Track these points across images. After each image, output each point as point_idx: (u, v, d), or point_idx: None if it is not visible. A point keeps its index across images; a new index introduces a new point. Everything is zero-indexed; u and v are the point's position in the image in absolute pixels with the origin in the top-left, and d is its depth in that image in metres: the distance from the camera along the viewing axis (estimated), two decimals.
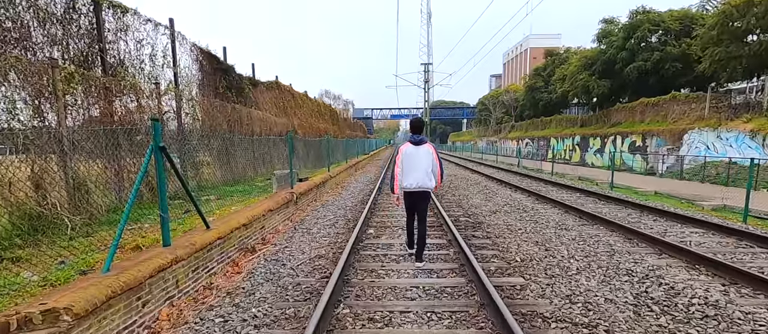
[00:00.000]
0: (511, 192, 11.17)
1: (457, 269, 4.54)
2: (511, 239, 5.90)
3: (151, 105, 9.22)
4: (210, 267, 4.41)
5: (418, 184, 4.49)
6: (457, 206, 8.98)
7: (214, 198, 9.18)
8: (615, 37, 25.69)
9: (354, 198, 10.31)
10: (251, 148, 14.58)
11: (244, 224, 5.47)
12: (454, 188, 12.13)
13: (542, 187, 12.58)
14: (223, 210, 6.54)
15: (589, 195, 10.36)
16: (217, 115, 12.54)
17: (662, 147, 20.05)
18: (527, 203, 9.12)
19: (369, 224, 7.06)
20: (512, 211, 8.21)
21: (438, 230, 6.52)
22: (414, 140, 4.57)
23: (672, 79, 22.93)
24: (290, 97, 20.80)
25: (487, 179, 15.03)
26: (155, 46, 9.65)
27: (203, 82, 12.08)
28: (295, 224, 7.14)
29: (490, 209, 8.50)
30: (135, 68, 8.97)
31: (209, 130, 12.04)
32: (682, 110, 19.86)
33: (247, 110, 14.70)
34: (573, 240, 5.77)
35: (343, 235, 6.22)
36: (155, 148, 3.78)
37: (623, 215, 7.68)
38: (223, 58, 13.55)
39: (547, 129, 35.78)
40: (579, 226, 6.69)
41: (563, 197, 10.16)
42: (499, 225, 6.81)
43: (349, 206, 9.07)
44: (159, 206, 3.85)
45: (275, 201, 6.97)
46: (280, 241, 5.99)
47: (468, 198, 10.08)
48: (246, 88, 15.01)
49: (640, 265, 4.56)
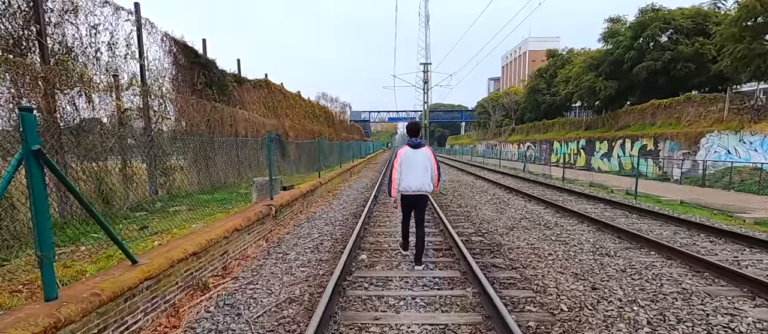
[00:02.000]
0: (525, 202, 9.87)
1: (482, 325, 3.23)
2: (542, 269, 4.59)
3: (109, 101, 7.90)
4: (127, 323, 3.07)
5: (417, 187, 4.48)
6: (466, 219, 7.67)
7: (185, 208, 7.85)
8: (622, 37, 24.56)
9: (346, 209, 8.99)
10: (236, 152, 13.25)
11: (195, 253, 4.13)
12: (459, 197, 10.82)
13: (557, 195, 11.29)
14: (179, 230, 5.21)
15: (615, 206, 9.08)
16: (194, 115, 11.20)
17: (676, 151, 18.86)
18: (547, 217, 7.82)
19: (361, 245, 5.74)
20: (533, 227, 6.91)
21: (447, 254, 5.21)
22: (412, 143, 4.58)
23: (684, 79, 21.80)
24: (281, 96, 19.48)
25: (494, 186, 13.74)
26: (116, 34, 8.32)
27: (178, 77, 10.76)
28: (271, 246, 5.80)
29: (505, 223, 7.20)
30: (87, 58, 7.65)
31: (184, 131, 10.72)
32: (698, 112, 18.69)
33: (231, 110, 13.37)
34: (623, 272, 4.47)
35: (327, 263, 4.88)
36: (27, 154, 2.44)
37: (668, 233, 6.39)
38: (203, 51, 12.23)
39: (550, 132, 34.61)
40: (623, 250, 5.39)
41: (586, 208, 8.88)
42: (522, 248, 5.50)
43: (339, 220, 7.74)
44: (35, 242, 2.51)
45: (246, 217, 5.64)
46: (246, 272, 4.65)
47: (477, 209, 8.77)
48: (229, 85, 13.68)
49: (741, 320, 3.25)
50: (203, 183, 10.65)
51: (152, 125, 9.27)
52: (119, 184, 7.86)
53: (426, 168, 4.49)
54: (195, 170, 10.55)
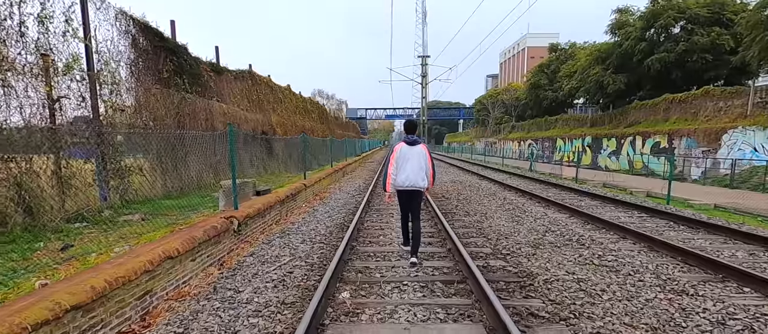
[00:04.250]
0: (543, 208, 8.43)
1: None
2: (601, 319, 3.16)
3: (36, 86, 6.41)
4: None
5: (411, 182, 4.54)
6: (478, 232, 6.23)
7: (138, 217, 6.37)
8: (632, 28, 23.18)
9: (331, 219, 7.52)
10: (213, 149, 11.74)
11: (77, 306, 2.66)
12: (465, 201, 9.38)
13: (576, 198, 9.88)
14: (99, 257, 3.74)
15: (651, 213, 7.67)
16: (158, 107, 9.69)
17: (694, 149, 17.53)
18: (577, 229, 6.39)
19: (345, 274, 4.29)
20: (563, 244, 5.48)
21: (462, 292, 3.76)
22: (408, 140, 4.65)
23: (699, 72, 20.47)
24: (268, 90, 17.94)
25: (502, 188, 12.31)
26: (50, 5, 6.80)
27: (138, 62, 9.22)
28: (224, 276, 4.33)
29: (527, 238, 5.77)
30: (7, 33, 6.14)
31: (145, 126, 9.22)
32: (718, 107, 17.34)
33: (206, 102, 11.85)
34: (723, 326, 3.04)
35: (291, 309, 3.41)
36: None
37: (743, 254, 4.98)
38: (171, 35, 10.71)
39: (552, 129, 33.25)
40: (701, 284, 3.95)
41: (619, 216, 7.46)
42: (562, 280, 4.06)
43: (320, 234, 6.27)
44: None
45: (189, 237, 4.16)
46: (173, 323, 3.18)
47: (489, 218, 7.33)
48: (204, 74, 12.15)
49: None
50: (171, 186, 9.17)
51: (102, 118, 7.79)
52: (51, 189, 6.36)
53: (421, 164, 4.56)
54: (160, 170, 9.06)
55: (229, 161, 6.12)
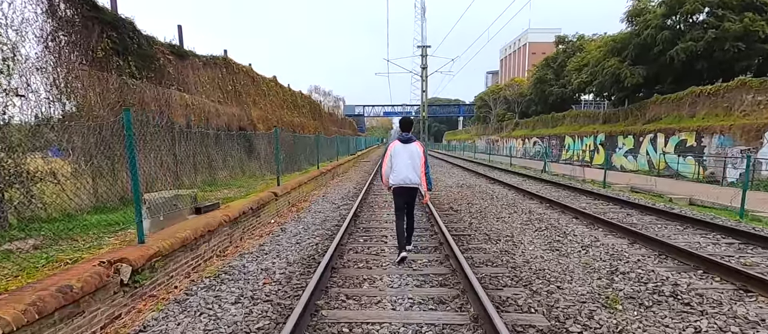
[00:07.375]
0: (588, 229, 6.35)
1: None
2: None
3: None
4: None
5: (404, 180, 4.57)
6: (512, 275, 4.17)
7: (32, 242, 4.31)
8: (651, 15, 21.12)
9: (303, 245, 5.44)
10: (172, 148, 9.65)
11: None
12: (480, 216, 7.32)
13: (621, 212, 7.81)
14: None
15: (738, 236, 5.64)
16: (88, 94, 7.60)
17: (729, 147, 15.52)
18: (656, 268, 4.34)
19: None
20: (653, 303, 3.44)
21: None
22: (403, 138, 4.73)
23: (729, 62, 18.47)
24: (248, 80, 15.78)
25: (520, 195, 10.24)
26: None
27: (57, 36, 7.11)
28: None
29: (587, 287, 3.74)
30: None
31: (65, 118, 7.14)
32: (756, 100, 15.33)
33: (161, 91, 9.69)
34: None
35: None
36: None
37: None
38: (112, 6, 8.61)
39: (560, 126, 31.23)
40: None
41: (699, 242, 5.42)
42: None
43: (281, 275, 4.19)
44: None
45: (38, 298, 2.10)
46: None
47: (519, 246, 5.27)
48: (161, 58, 10.02)
49: None
50: (106, 195, 7.10)
51: None
52: None
53: (415, 162, 4.59)
54: (88, 174, 6.99)
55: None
